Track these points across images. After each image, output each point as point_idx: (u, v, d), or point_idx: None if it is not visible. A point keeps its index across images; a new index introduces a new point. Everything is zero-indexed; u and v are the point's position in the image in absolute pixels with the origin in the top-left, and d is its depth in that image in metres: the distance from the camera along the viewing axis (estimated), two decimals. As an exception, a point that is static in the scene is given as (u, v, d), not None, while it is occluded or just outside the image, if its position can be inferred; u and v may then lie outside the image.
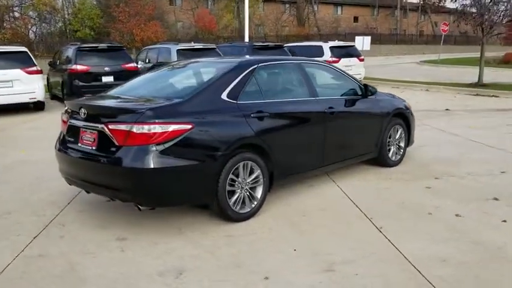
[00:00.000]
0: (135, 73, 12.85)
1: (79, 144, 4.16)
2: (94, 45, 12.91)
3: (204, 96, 4.07)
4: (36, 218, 4.46)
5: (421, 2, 55.30)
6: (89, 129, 4.05)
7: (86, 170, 4.08)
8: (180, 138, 3.74)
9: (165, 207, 4.42)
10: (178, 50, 13.32)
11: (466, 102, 13.17)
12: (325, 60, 15.51)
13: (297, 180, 5.13)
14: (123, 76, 12.60)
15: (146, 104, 3.92)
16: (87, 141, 4.06)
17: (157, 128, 3.67)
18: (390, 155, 6.05)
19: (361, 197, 4.92)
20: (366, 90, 5.57)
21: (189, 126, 3.79)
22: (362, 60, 16.85)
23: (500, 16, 15.94)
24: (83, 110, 4.04)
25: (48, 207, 4.77)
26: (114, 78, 12.49)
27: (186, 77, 4.90)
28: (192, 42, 16.85)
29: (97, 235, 4.02)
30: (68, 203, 4.87)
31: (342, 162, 5.39)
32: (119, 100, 4.36)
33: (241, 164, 4.16)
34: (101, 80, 12.42)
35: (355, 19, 56.79)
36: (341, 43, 17.44)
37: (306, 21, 48.41)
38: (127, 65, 12.80)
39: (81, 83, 12.16)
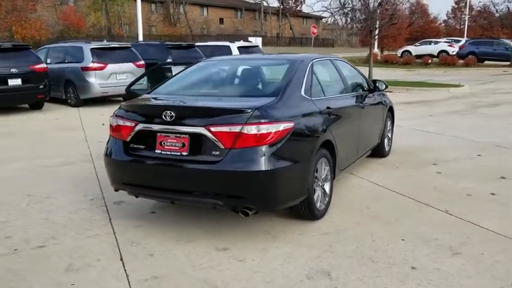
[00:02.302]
0: (45, 75, 11.62)
1: (157, 151, 3.73)
2: (-4, 43, 11.25)
3: (291, 93, 3.96)
4: (93, 240, 3.87)
5: (281, 7, 58.60)
6: (174, 133, 3.65)
7: (174, 179, 3.67)
8: (287, 137, 3.60)
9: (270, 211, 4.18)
10: (92, 49, 12.29)
11: (370, 98, 14.44)
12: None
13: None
14: (32, 79, 11.32)
15: (248, 103, 3.66)
16: (173, 146, 3.66)
17: (270, 128, 3.49)
18: (385, 145, 6.48)
19: (395, 186, 5.19)
20: (375, 85, 5.90)
21: (292, 125, 3.66)
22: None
23: (384, 20, 17.77)
24: (169, 113, 3.61)
25: (90, 225, 4.18)
26: (23, 81, 11.07)
27: (248, 75, 4.64)
28: (105, 41, 15.66)
29: (189, 248, 3.66)
30: (110, 219, 4.32)
31: (364, 155, 5.63)
32: (204, 99, 3.99)
33: (319, 161, 4.14)
34: (6, 83, 10.86)
35: (221, 21, 57.88)
36: (246, 43, 17.77)
37: (177, 21, 47.94)
38: (36, 66, 11.40)
39: (-18, 87, 10.52)
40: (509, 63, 27.72)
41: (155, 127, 3.72)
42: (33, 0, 28.74)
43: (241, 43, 17.24)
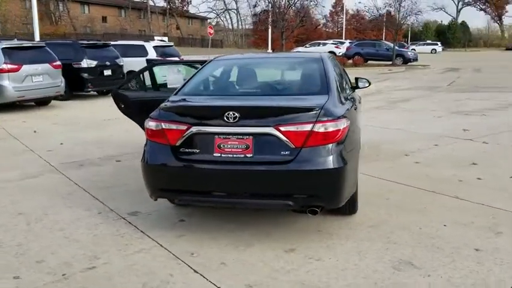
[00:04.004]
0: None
1: (216, 154, 3.52)
2: None
3: (335, 91, 3.99)
4: (145, 255, 3.55)
5: (168, 6, 57.66)
6: (237, 134, 3.48)
7: (238, 183, 3.50)
8: (347, 134, 3.65)
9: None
10: (3, 49, 10.98)
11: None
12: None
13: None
14: None
15: (311, 102, 3.62)
16: (234, 148, 3.48)
17: (338, 125, 3.51)
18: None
19: (391, 177, 5.48)
20: (357, 83, 6.16)
21: (349, 121, 3.72)
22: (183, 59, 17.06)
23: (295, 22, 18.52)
24: (232, 114, 3.42)
25: (126, 240, 3.83)
26: None
27: (281, 74, 4.52)
28: (15, 40, 13.98)
29: (256, 253, 3.54)
30: (142, 232, 3.98)
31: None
32: (262, 99, 3.83)
33: (355, 156, 4.24)
34: None
35: (104, 19, 55.21)
36: (161, 43, 17.25)
37: (59, 19, 44.60)
38: None
39: None
40: (391, 62, 30.50)
41: (214, 129, 3.51)
42: None
43: (156, 42, 16.76)
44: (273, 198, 3.52)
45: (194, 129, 3.54)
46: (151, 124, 3.73)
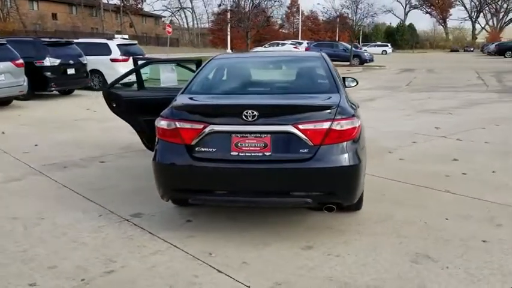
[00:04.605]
0: None
1: (233, 153, 3.48)
2: None
3: (343, 89, 4.07)
4: (162, 257, 3.47)
5: (122, 4, 56.36)
6: (255, 133, 3.46)
7: (257, 181, 3.48)
8: (360, 132, 3.73)
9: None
10: (-40, 46, 10.40)
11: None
12: (114, 59, 14.88)
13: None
14: None
15: (327, 100, 3.65)
16: (252, 147, 3.46)
17: (354, 123, 3.57)
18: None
19: (381, 173, 5.60)
20: (344, 82, 6.27)
21: (360, 119, 3.80)
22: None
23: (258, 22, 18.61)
24: (250, 112, 3.39)
25: (137, 243, 3.73)
26: None
27: (288, 72, 4.51)
28: None
29: (274, 252, 3.54)
30: (151, 233, 3.89)
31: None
32: (269, 97, 3.82)
33: (359, 154, 4.32)
34: None
35: (54, 16, 53.28)
36: (125, 41, 16.85)
37: (7, 16, 42.60)
38: None
39: None
40: (348, 63, 31.18)
41: (232, 128, 3.48)
42: None
43: (120, 41, 16.37)
44: (291, 196, 3.54)
45: (211, 128, 3.49)
46: (163, 123, 3.65)
